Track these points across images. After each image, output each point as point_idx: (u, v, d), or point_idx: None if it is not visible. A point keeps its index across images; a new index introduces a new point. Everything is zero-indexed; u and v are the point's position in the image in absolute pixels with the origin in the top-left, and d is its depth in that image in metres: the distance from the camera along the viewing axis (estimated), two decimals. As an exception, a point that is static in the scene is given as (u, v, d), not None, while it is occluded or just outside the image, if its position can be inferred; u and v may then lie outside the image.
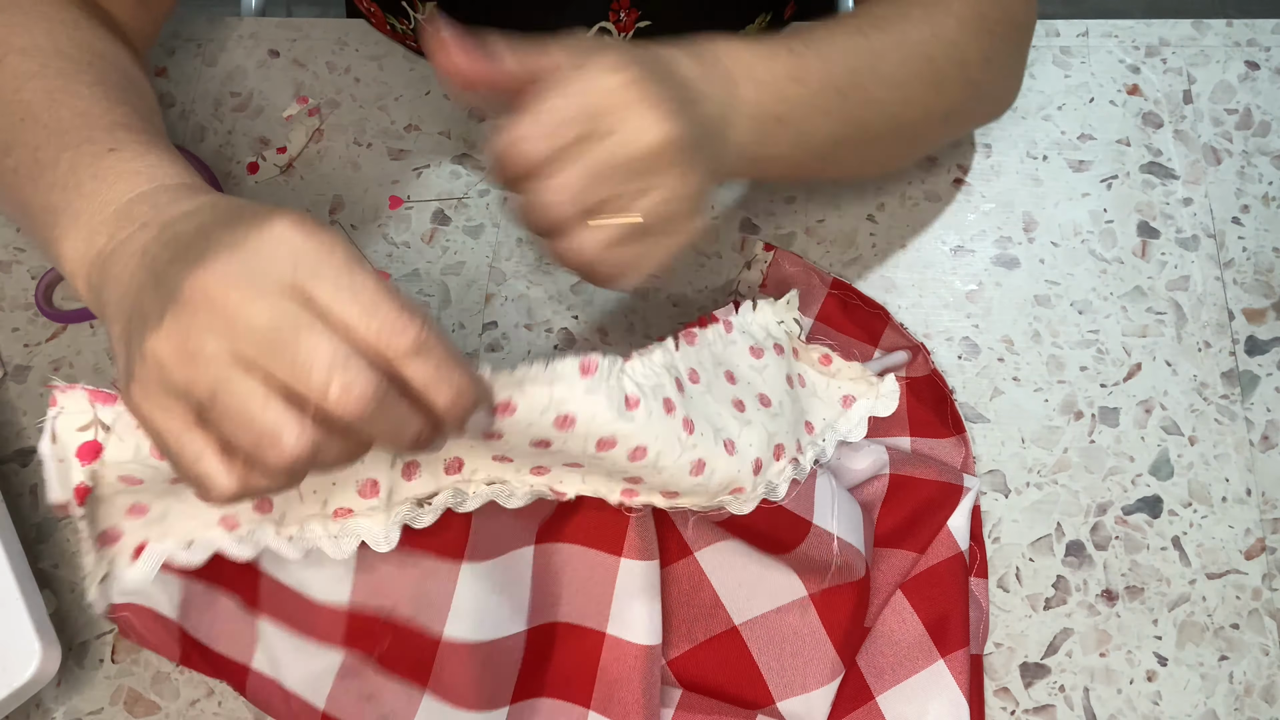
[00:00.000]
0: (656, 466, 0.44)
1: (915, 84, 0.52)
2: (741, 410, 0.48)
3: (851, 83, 0.49)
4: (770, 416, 0.49)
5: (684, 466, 0.45)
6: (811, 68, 0.48)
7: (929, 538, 0.53)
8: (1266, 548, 0.55)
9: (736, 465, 0.46)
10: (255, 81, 0.70)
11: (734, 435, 0.47)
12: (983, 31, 0.53)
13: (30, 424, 0.61)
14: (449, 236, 0.65)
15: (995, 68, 0.56)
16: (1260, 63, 0.67)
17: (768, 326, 0.53)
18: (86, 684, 0.55)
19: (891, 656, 0.52)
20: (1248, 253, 0.62)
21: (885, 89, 0.50)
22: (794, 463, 0.49)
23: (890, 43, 0.51)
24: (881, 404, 0.54)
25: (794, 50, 0.48)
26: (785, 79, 0.47)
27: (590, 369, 0.42)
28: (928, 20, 0.52)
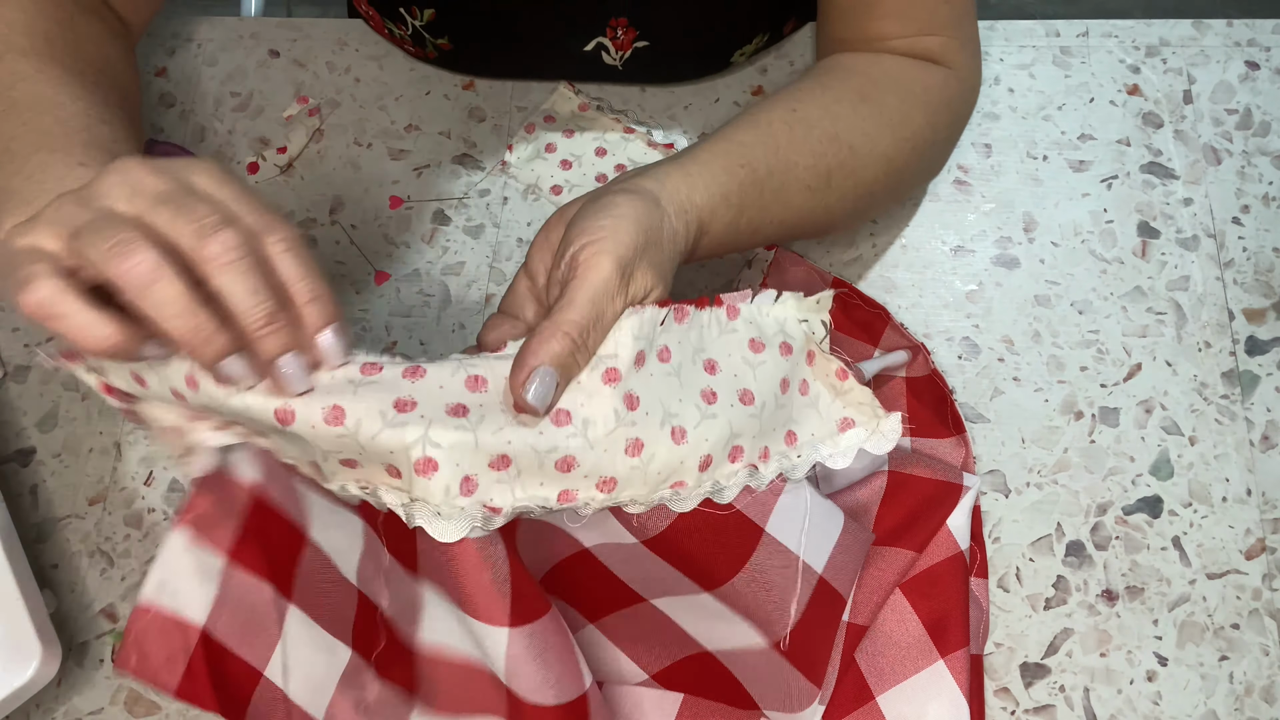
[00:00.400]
0: (587, 439, 0.42)
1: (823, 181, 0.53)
2: (711, 402, 0.45)
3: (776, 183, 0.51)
4: (746, 415, 0.46)
5: (618, 441, 0.43)
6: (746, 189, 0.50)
7: (928, 536, 0.53)
8: (1266, 548, 0.55)
9: (680, 456, 0.44)
10: (255, 81, 0.70)
11: (688, 424, 0.44)
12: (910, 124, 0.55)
13: (30, 424, 0.61)
14: (449, 236, 0.65)
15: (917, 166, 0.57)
16: (1260, 63, 0.67)
17: (784, 323, 0.49)
18: (86, 684, 0.55)
19: (891, 656, 0.52)
20: (1248, 253, 0.62)
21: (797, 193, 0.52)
22: (751, 468, 0.46)
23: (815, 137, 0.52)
24: (877, 441, 0.49)
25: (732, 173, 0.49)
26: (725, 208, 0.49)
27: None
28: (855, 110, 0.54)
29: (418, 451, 0.40)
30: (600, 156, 0.67)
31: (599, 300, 0.42)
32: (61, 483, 0.59)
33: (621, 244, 0.43)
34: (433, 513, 0.41)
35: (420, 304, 0.63)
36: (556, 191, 0.66)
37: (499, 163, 0.67)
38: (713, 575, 0.47)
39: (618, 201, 0.44)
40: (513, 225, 0.65)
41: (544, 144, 0.67)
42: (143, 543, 0.57)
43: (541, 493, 0.43)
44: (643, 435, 0.43)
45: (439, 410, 0.41)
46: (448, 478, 0.41)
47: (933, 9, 0.56)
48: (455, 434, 0.41)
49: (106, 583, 0.57)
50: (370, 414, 0.40)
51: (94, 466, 0.60)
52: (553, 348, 0.41)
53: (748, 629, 0.48)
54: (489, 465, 0.42)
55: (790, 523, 0.48)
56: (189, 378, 0.41)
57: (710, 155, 0.49)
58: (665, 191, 0.46)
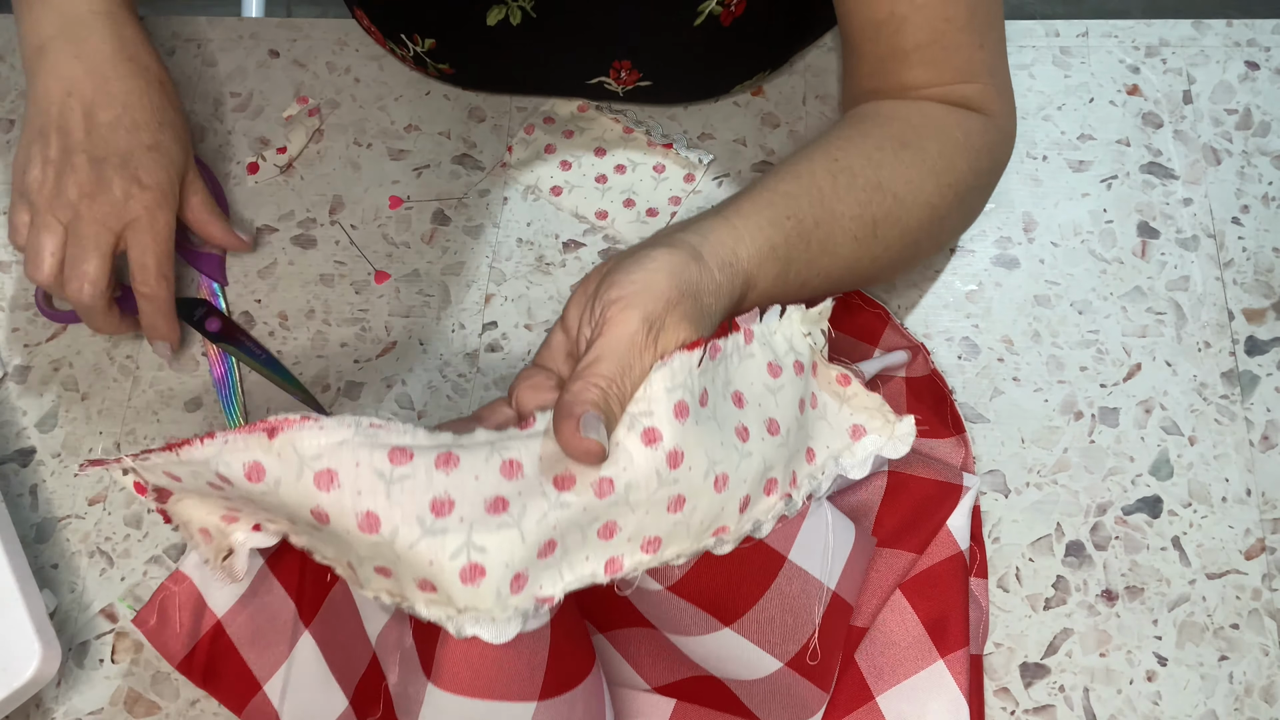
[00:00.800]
0: (629, 503, 0.41)
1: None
2: (744, 439, 0.43)
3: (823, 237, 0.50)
4: (775, 446, 0.44)
5: (660, 501, 0.41)
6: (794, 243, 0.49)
7: (928, 537, 0.53)
8: (1266, 548, 0.55)
9: (721, 503, 0.42)
10: (255, 81, 0.70)
11: (730, 469, 0.42)
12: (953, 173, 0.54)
13: (30, 424, 0.61)
14: (449, 236, 0.65)
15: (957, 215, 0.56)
16: (1260, 63, 0.67)
17: (791, 339, 0.47)
18: (86, 684, 0.55)
19: (891, 656, 0.52)
20: (1248, 253, 0.62)
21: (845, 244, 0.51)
22: (786, 498, 0.45)
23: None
24: (894, 446, 0.49)
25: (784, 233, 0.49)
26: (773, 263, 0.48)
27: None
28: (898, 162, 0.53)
29: (462, 559, 0.39)
30: (600, 157, 0.67)
31: (625, 354, 0.41)
32: (61, 483, 0.59)
33: (651, 298, 0.42)
34: (486, 619, 0.39)
35: (420, 304, 0.63)
36: (556, 192, 0.66)
37: (499, 163, 0.67)
38: (734, 607, 0.46)
39: (653, 255, 0.44)
40: (513, 225, 0.65)
41: (543, 145, 0.67)
42: (143, 543, 0.58)
43: (589, 567, 0.41)
44: (685, 491, 0.41)
45: (478, 508, 0.39)
46: (497, 581, 0.39)
47: (968, 56, 0.54)
48: (499, 534, 0.39)
49: (106, 583, 0.57)
50: (407, 520, 0.39)
51: (94, 466, 0.60)
52: (589, 396, 0.40)
53: (760, 656, 0.47)
54: (537, 555, 0.40)
55: (813, 546, 0.47)
56: (221, 475, 0.40)
57: (754, 207, 0.48)
58: (708, 245, 0.45)
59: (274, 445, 0.39)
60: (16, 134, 0.69)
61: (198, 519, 0.45)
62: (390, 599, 0.41)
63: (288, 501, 0.40)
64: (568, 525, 0.40)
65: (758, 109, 0.68)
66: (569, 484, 0.40)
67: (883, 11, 0.54)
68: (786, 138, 0.67)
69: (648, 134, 0.67)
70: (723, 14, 0.60)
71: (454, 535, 0.39)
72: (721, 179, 0.66)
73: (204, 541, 0.45)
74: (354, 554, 0.40)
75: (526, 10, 0.61)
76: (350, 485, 0.39)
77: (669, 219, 0.65)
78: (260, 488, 0.40)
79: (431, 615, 0.40)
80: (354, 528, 0.39)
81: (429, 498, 0.39)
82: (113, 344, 0.63)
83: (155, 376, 0.62)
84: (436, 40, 0.64)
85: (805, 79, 0.69)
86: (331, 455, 0.39)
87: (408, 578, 0.39)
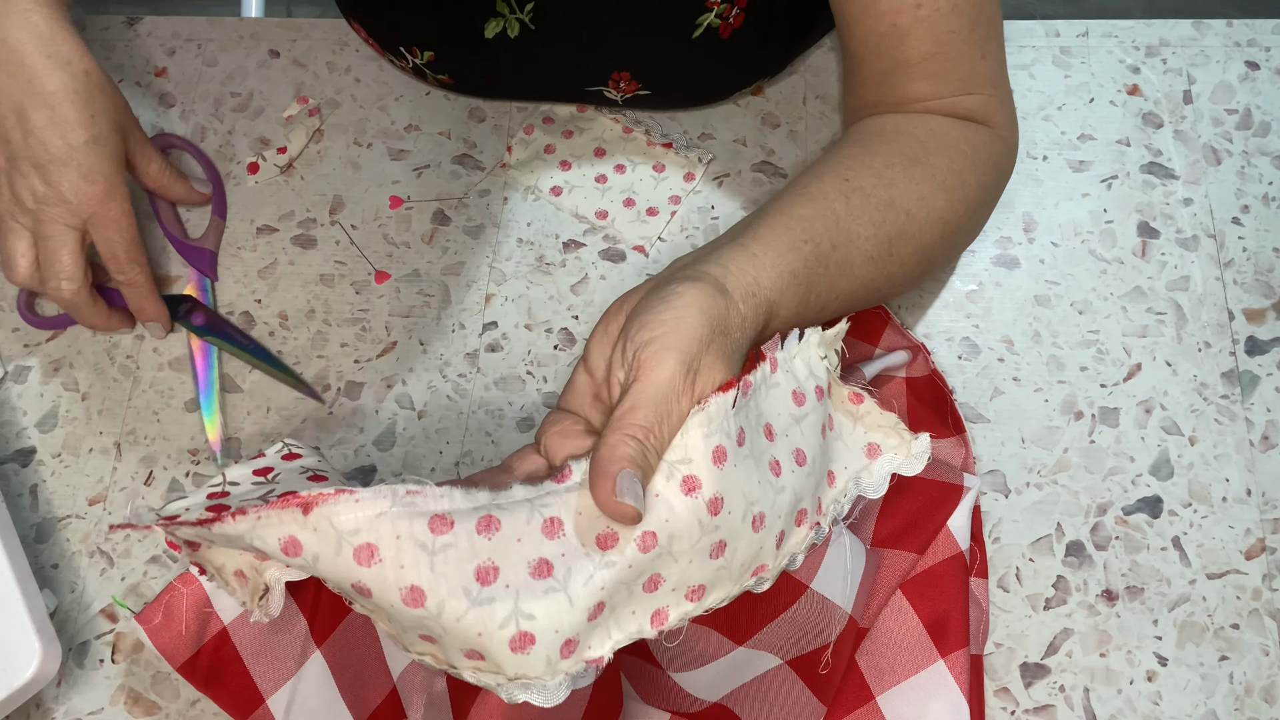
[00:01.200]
0: (671, 553, 0.40)
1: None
2: (777, 474, 0.42)
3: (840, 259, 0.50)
4: (804, 476, 0.43)
5: (703, 550, 0.40)
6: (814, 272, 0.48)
7: (929, 538, 0.53)
8: (1266, 548, 0.55)
9: (760, 542, 0.42)
10: (255, 81, 0.70)
11: (766, 507, 0.42)
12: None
13: (30, 424, 0.61)
14: (449, 236, 0.65)
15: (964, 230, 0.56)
16: (1260, 63, 0.67)
17: (810, 363, 0.46)
18: (86, 684, 0.55)
19: (891, 656, 0.52)
20: (1248, 253, 0.62)
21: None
22: (815, 527, 0.45)
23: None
24: (910, 464, 0.48)
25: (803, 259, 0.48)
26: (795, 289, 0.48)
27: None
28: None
29: (511, 629, 0.38)
30: (600, 157, 0.67)
31: (662, 402, 0.40)
32: (61, 483, 0.59)
33: (686, 338, 0.41)
34: (537, 685, 0.39)
35: (420, 304, 0.63)
36: (556, 192, 0.66)
37: (499, 163, 0.67)
38: (749, 630, 0.46)
39: (680, 291, 0.42)
40: (513, 225, 0.65)
41: (543, 145, 0.67)
42: (143, 543, 0.57)
43: (635, 623, 0.41)
44: (726, 536, 0.41)
45: (523, 574, 0.39)
46: (547, 648, 0.38)
47: (970, 67, 0.54)
48: (547, 601, 0.38)
49: (106, 583, 0.57)
50: (454, 593, 0.38)
51: (94, 466, 0.60)
52: (625, 452, 0.39)
53: (764, 658, 0.47)
54: (587, 620, 0.39)
55: (835, 573, 0.46)
56: (254, 549, 0.40)
57: (771, 233, 0.47)
58: (730, 276, 0.44)
59: (309, 521, 0.38)
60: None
61: (231, 563, 0.44)
62: (436, 664, 0.40)
63: (328, 575, 0.39)
64: (615, 585, 0.39)
65: (758, 109, 0.68)
66: (612, 542, 0.39)
67: (885, 24, 0.54)
68: (786, 138, 0.67)
69: (647, 134, 0.67)
70: (721, 26, 0.60)
71: (501, 604, 0.38)
72: (721, 179, 0.66)
73: (240, 585, 0.45)
74: (396, 622, 0.40)
75: (525, 22, 0.61)
76: (392, 560, 0.38)
77: (669, 219, 0.65)
78: (299, 560, 0.39)
79: (481, 681, 0.39)
80: (398, 602, 0.38)
81: (473, 566, 0.38)
82: (113, 344, 0.63)
83: (155, 376, 0.62)
84: (435, 52, 0.64)
85: (805, 79, 0.69)
86: (370, 529, 0.38)
87: (454, 648, 0.39)
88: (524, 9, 0.61)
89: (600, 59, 0.63)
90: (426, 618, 0.38)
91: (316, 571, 0.39)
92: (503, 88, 0.67)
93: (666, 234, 0.64)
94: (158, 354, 0.62)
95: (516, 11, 0.61)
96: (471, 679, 0.39)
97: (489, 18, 0.61)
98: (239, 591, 0.45)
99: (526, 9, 0.61)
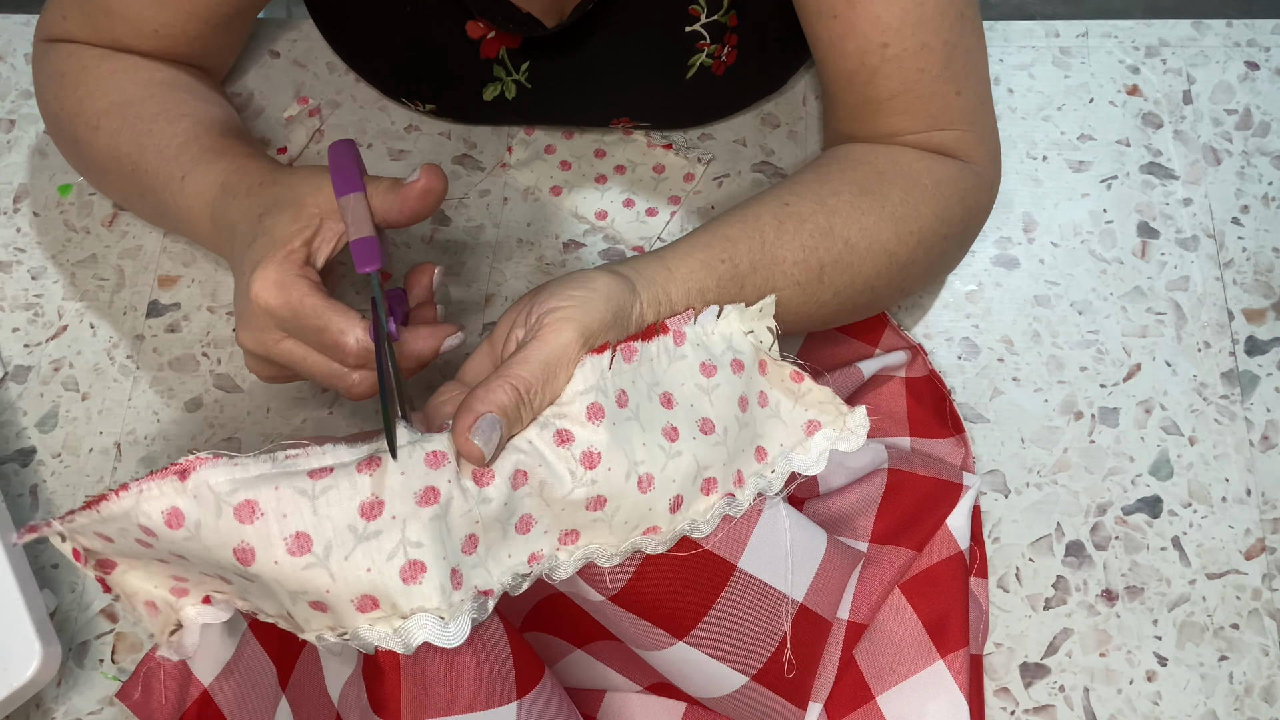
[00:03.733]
0: (543, 499, 0.41)
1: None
2: (673, 439, 0.43)
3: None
4: (710, 445, 0.44)
5: (577, 501, 0.41)
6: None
7: (927, 535, 0.53)
8: (1266, 548, 0.55)
9: (648, 503, 0.42)
10: (255, 81, 0.70)
11: (655, 469, 0.42)
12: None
13: (30, 424, 0.61)
14: (449, 236, 0.65)
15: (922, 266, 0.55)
16: (1260, 63, 0.67)
17: (730, 338, 0.47)
18: (86, 684, 0.55)
19: (891, 656, 0.52)
20: (1247, 253, 0.62)
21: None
22: (729, 497, 0.45)
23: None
24: (846, 438, 0.48)
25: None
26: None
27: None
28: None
29: (400, 559, 0.38)
30: (600, 157, 0.67)
31: (552, 364, 0.42)
32: (61, 483, 0.59)
33: (589, 315, 0.43)
34: (434, 620, 0.39)
35: (420, 304, 0.63)
36: (556, 192, 0.66)
37: (499, 163, 0.67)
38: (682, 620, 0.46)
39: (593, 276, 0.44)
40: (513, 225, 0.65)
41: (543, 145, 0.67)
42: (143, 543, 0.58)
43: (511, 563, 0.42)
44: (605, 491, 0.42)
45: (409, 503, 0.39)
46: (439, 575, 0.39)
47: (944, 103, 0.54)
48: (432, 526, 0.39)
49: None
50: (339, 532, 0.38)
51: (94, 466, 0.60)
52: (498, 397, 0.40)
53: (723, 670, 0.47)
54: (462, 550, 0.40)
55: (769, 554, 0.46)
56: (144, 527, 0.39)
57: (690, 249, 0.48)
58: (641, 280, 0.46)
59: (188, 486, 0.38)
60: (16, 134, 0.69)
61: (143, 591, 0.43)
62: (333, 635, 0.40)
63: (211, 545, 0.39)
64: (490, 520, 0.40)
65: (758, 109, 0.68)
66: (489, 479, 0.40)
67: (853, 62, 0.53)
68: (786, 138, 0.67)
69: (647, 134, 0.67)
70: (714, 65, 0.61)
71: (388, 535, 0.38)
72: (721, 179, 0.66)
73: (150, 615, 0.44)
74: (286, 595, 0.39)
75: (521, 83, 0.62)
76: (274, 510, 0.38)
77: (669, 219, 0.65)
78: (182, 534, 0.39)
79: (375, 637, 0.39)
80: (283, 554, 0.38)
81: (356, 503, 0.38)
82: (113, 344, 0.63)
83: (155, 376, 0.62)
84: (436, 105, 0.66)
85: (805, 79, 0.69)
86: (249, 488, 0.38)
87: (344, 601, 0.39)
88: (520, 70, 0.62)
89: (598, 108, 0.64)
90: (313, 564, 0.38)
91: (200, 542, 0.38)
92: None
93: (666, 234, 0.64)
94: (158, 354, 0.62)
95: (513, 73, 0.62)
96: (368, 635, 0.39)
97: (486, 83, 0.63)
98: (148, 623, 0.44)
99: (522, 70, 0.62)
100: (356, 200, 0.48)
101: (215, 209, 0.52)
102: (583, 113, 0.65)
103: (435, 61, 0.62)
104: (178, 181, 0.54)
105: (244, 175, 0.51)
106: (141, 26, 0.58)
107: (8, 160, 0.68)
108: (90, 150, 0.58)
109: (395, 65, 0.64)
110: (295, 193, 0.48)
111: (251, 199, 0.50)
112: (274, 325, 0.47)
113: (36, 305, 0.64)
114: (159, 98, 0.57)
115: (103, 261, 0.65)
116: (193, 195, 0.53)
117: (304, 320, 0.46)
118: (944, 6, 0.52)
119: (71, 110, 0.58)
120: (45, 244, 0.66)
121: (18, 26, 0.72)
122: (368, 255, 0.47)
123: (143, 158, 0.55)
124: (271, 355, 0.48)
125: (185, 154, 0.54)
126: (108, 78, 0.58)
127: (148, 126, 0.56)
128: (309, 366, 0.48)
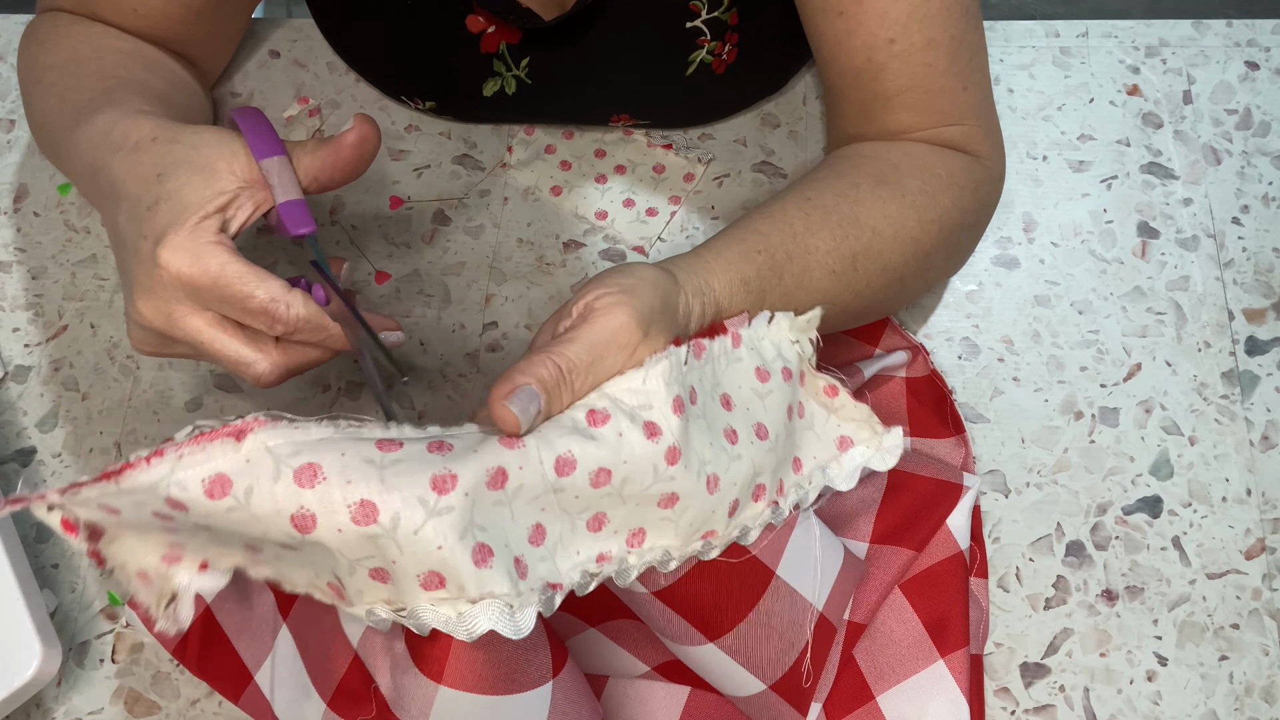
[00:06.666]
0: (621, 495, 0.40)
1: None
2: (733, 442, 0.42)
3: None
4: (764, 451, 0.44)
5: (652, 497, 0.40)
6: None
7: (928, 535, 0.53)
8: (1266, 548, 0.55)
9: (713, 505, 0.42)
10: (255, 81, 0.70)
11: (720, 470, 0.41)
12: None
13: (30, 424, 0.61)
14: (449, 236, 0.65)
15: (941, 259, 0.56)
16: (1260, 63, 0.67)
17: (779, 345, 0.46)
18: (86, 684, 0.55)
19: (891, 656, 0.52)
20: (1248, 253, 0.62)
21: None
22: (773, 505, 0.45)
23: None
24: (881, 458, 0.48)
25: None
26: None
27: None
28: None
29: (470, 539, 0.36)
30: (600, 157, 0.67)
31: (602, 346, 0.40)
32: (62, 482, 0.59)
33: (641, 299, 0.42)
34: (502, 608, 0.36)
35: (420, 304, 0.63)
36: (556, 192, 0.66)
37: (499, 163, 0.67)
38: (719, 623, 0.45)
39: (637, 267, 0.44)
40: (513, 225, 0.65)
41: (543, 145, 0.67)
42: (143, 543, 0.58)
43: (580, 559, 0.40)
44: (679, 489, 0.40)
45: (480, 480, 0.37)
46: (505, 562, 0.37)
47: (952, 99, 0.54)
48: (495, 511, 0.37)
49: (106, 583, 0.57)
50: (409, 503, 0.35)
51: (94, 466, 0.60)
52: (540, 371, 0.39)
53: (746, 677, 0.47)
54: (529, 540, 0.38)
55: (802, 562, 0.46)
56: (172, 500, 0.36)
57: (725, 243, 0.48)
58: (681, 271, 0.45)
59: (243, 449, 0.36)
60: (16, 134, 0.69)
61: (135, 561, 0.40)
62: (388, 611, 0.38)
63: (260, 514, 0.36)
64: (558, 511, 0.39)
65: (758, 109, 0.68)
66: (569, 469, 0.38)
67: (860, 59, 0.53)
68: (786, 138, 0.67)
69: (647, 134, 0.67)
70: (714, 63, 0.61)
71: (461, 513, 0.36)
72: (721, 179, 0.66)
73: (143, 586, 0.41)
74: (341, 565, 0.37)
75: (521, 78, 0.62)
76: (338, 476, 0.35)
77: (669, 219, 0.65)
78: (225, 504, 0.35)
79: (434, 619, 0.37)
80: (347, 522, 0.35)
81: (428, 475, 0.36)
82: (113, 344, 0.63)
83: (155, 376, 0.62)
84: (436, 103, 0.66)
85: (805, 79, 0.69)
86: (312, 450, 0.36)
87: (410, 575, 0.36)
88: (520, 65, 0.62)
89: (598, 105, 0.64)
90: (380, 535, 0.35)
91: (248, 510, 0.35)
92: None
93: (666, 234, 0.64)
94: (158, 354, 0.62)
95: (513, 69, 0.62)
96: (429, 617, 0.36)
97: (486, 78, 0.62)
98: (142, 594, 0.41)
99: (522, 65, 0.62)
100: (281, 163, 0.45)
101: (95, 159, 0.48)
102: (583, 110, 0.65)
103: (436, 57, 0.62)
104: (72, 132, 0.50)
105: (132, 128, 0.47)
106: (121, 4, 0.58)
107: (8, 160, 0.68)
108: (29, 107, 0.57)
109: (396, 62, 0.64)
110: (203, 155, 0.45)
111: (141, 155, 0.46)
112: (184, 296, 0.44)
113: (36, 305, 0.64)
114: (106, 60, 0.55)
115: (103, 261, 0.65)
116: (82, 143, 0.49)
117: (226, 289, 0.43)
118: (949, 2, 0.52)
119: (27, 64, 0.57)
120: (45, 244, 0.66)
121: (18, 27, 0.72)
122: (300, 218, 0.45)
123: (60, 112, 0.52)
124: (174, 330, 0.44)
125: (89, 107, 0.50)
126: (67, 38, 0.57)
127: (80, 83, 0.53)
128: (218, 347, 0.45)
